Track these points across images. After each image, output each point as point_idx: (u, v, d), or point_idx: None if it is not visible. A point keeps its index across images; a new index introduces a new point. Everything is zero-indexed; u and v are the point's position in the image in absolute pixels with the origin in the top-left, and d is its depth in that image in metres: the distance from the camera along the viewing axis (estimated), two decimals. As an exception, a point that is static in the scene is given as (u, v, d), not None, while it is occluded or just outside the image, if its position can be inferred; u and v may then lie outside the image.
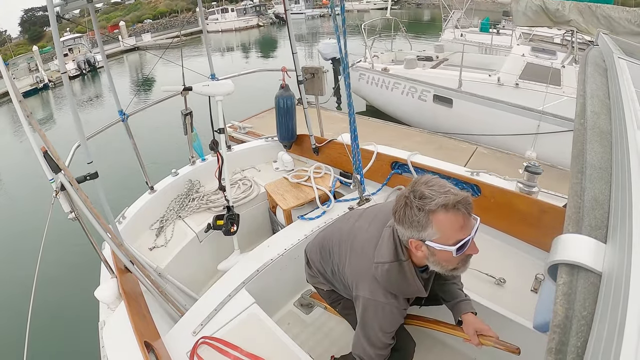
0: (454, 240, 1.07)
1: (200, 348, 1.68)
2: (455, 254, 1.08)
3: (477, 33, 11.54)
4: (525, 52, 6.52)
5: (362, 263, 1.32)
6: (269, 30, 38.18)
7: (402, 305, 1.29)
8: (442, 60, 8.92)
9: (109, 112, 11.70)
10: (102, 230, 1.80)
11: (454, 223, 1.05)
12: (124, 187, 6.46)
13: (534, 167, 2.05)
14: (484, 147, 5.96)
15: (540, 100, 5.54)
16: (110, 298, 1.81)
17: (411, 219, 1.09)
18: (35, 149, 1.54)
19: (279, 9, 44.05)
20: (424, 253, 1.14)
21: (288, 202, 2.65)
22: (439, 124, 7.03)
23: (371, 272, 1.27)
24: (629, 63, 1.20)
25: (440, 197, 1.04)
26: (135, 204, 2.83)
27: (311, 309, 2.40)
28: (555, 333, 0.42)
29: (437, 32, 12.52)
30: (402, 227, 1.14)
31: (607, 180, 0.61)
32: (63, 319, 4.11)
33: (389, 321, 1.29)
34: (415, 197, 1.07)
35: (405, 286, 1.24)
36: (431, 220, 1.06)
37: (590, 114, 0.80)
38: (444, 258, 1.12)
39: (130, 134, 2.81)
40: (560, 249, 0.50)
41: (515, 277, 1.95)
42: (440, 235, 1.07)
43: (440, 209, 1.04)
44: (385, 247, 1.26)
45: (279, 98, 3.16)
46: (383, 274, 1.24)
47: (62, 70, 1.98)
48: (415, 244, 1.13)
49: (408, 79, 7.32)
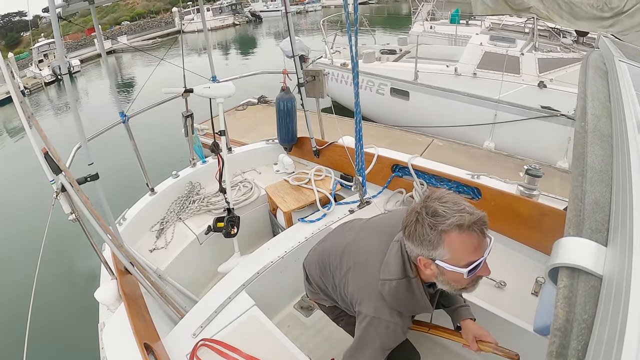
0: (466, 262, 1.01)
1: (200, 350, 1.67)
2: (466, 275, 1.02)
3: (447, 25, 11.45)
4: (483, 41, 6.48)
5: (368, 279, 1.26)
6: (245, 29, 37.62)
7: (406, 324, 1.25)
8: (404, 53, 8.88)
9: (89, 117, 11.36)
10: (103, 231, 1.80)
11: (468, 244, 1.00)
12: (125, 188, 6.48)
13: (535, 170, 2.04)
14: (440, 140, 5.93)
15: (498, 89, 5.57)
16: (110, 299, 1.80)
17: (422, 237, 1.03)
18: (36, 149, 1.54)
19: (255, 7, 43.79)
20: (433, 272, 1.09)
21: (288, 204, 2.65)
22: (397, 117, 7.00)
23: (377, 288, 1.21)
24: (630, 66, 1.20)
25: (454, 217, 0.98)
26: (135, 206, 2.84)
27: (311, 311, 2.39)
28: (556, 336, 0.42)
29: (410, 25, 12.45)
30: (411, 243, 1.09)
31: (608, 183, 0.61)
32: (63, 320, 4.10)
33: (392, 340, 1.24)
34: (428, 214, 1.02)
35: (413, 304, 1.20)
36: (443, 240, 1.00)
37: (591, 116, 0.80)
38: (453, 278, 1.07)
39: (131, 136, 2.81)
40: (561, 252, 0.49)
41: (515, 280, 1.94)
42: (451, 255, 1.01)
43: (454, 229, 0.99)
44: (393, 263, 1.20)
45: (280, 100, 3.16)
46: (391, 292, 1.19)
47: (64, 72, 1.99)
48: (424, 262, 1.08)
49: (366, 73, 7.21)
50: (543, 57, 5.88)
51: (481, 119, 5.85)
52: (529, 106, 5.44)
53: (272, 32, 32.78)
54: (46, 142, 1.58)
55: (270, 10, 42.77)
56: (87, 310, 3.64)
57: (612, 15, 5.09)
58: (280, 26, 33.64)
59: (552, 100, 5.43)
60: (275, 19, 39.59)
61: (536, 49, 6.03)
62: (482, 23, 9.79)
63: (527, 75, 5.75)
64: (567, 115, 5.10)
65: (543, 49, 6.15)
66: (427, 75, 6.58)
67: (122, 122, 2.72)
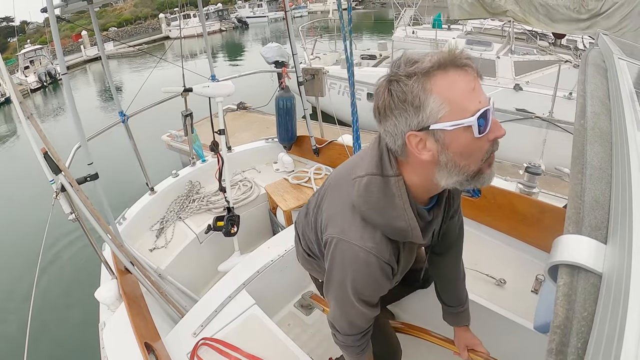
0: (472, 109, 0.72)
1: (201, 349, 1.67)
2: (477, 131, 0.72)
3: (429, 30, 11.39)
4: (459, 45, 6.47)
5: (339, 197, 0.94)
6: (231, 35, 37.49)
7: (384, 257, 0.87)
8: (384, 58, 8.90)
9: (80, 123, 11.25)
10: (103, 231, 1.80)
11: (462, 84, 0.72)
12: (124, 188, 6.48)
13: (534, 168, 2.05)
14: None
15: None
16: (110, 299, 1.80)
17: (402, 100, 0.73)
18: (35, 150, 1.54)
19: (241, 13, 43.73)
20: (433, 152, 0.76)
21: (288, 203, 2.65)
22: (374, 122, 7.01)
23: (348, 200, 0.88)
24: (629, 64, 1.20)
25: (429, 57, 0.73)
26: (135, 205, 2.84)
27: (311, 310, 2.39)
28: (555, 334, 0.42)
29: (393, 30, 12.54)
30: (392, 119, 0.77)
31: (608, 180, 0.61)
32: (63, 320, 4.11)
33: (366, 278, 0.89)
34: (399, 73, 0.74)
35: (392, 216, 0.83)
36: (430, 89, 0.71)
37: (590, 114, 0.80)
38: (463, 147, 0.74)
39: (131, 135, 2.81)
40: (561, 250, 0.49)
41: (515, 277, 1.94)
42: (449, 107, 0.71)
43: (436, 69, 0.71)
44: (367, 159, 0.88)
45: (279, 99, 3.16)
46: (360, 192, 0.85)
47: (62, 72, 1.98)
48: (418, 139, 0.76)
49: (342, 78, 7.14)
50: (519, 60, 5.91)
51: None
52: (504, 109, 5.45)
53: (258, 37, 32.78)
54: (45, 142, 1.58)
55: (256, 16, 42.87)
56: (88, 310, 3.66)
57: (588, 17, 5.10)
58: (266, 32, 33.77)
59: (528, 102, 5.45)
60: (262, 24, 39.72)
61: (512, 52, 6.06)
62: (463, 27, 9.81)
63: (503, 78, 5.77)
64: (541, 117, 5.11)
65: (519, 52, 6.17)
66: None
67: (122, 122, 2.72)
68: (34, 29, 49.92)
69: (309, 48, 8.48)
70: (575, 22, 5.06)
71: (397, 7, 12.40)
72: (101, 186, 2.05)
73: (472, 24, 8.88)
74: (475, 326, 1.42)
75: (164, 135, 6.79)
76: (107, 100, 15.70)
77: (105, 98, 16.58)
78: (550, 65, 5.89)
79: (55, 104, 18.88)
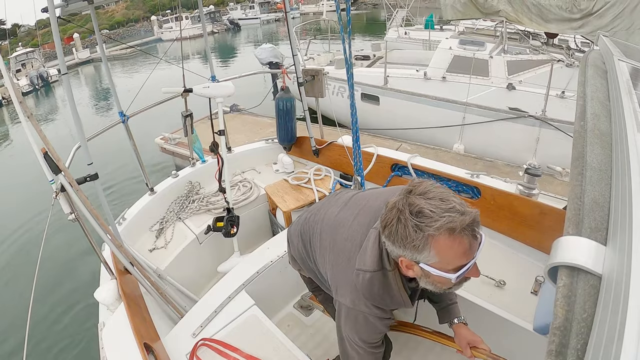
0: (455, 267, 0.90)
1: (200, 350, 1.67)
2: (454, 280, 0.92)
3: (421, 30, 11.49)
4: (452, 45, 6.54)
5: (345, 266, 1.16)
6: (224, 37, 37.23)
7: (387, 315, 1.15)
8: (378, 58, 8.89)
9: (70, 125, 11.20)
10: (102, 231, 1.80)
11: (458, 249, 0.87)
12: (124, 188, 6.47)
13: (534, 170, 2.04)
14: (408, 143, 5.97)
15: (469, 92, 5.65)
16: (109, 299, 1.80)
17: (405, 240, 0.89)
18: (35, 150, 1.54)
19: (233, 15, 43.66)
20: (416, 273, 0.97)
21: (288, 203, 2.65)
22: (368, 121, 7.00)
23: (352, 278, 1.12)
24: (629, 65, 1.20)
25: (443, 218, 0.84)
26: (135, 206, 2.83)
27: (311, 311, 2.39)
28: (555, 335, 0.42)
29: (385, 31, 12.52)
30: (392, 244, 0.94)
31: (607, 182, 0.61)
32: (63, 320, 4.10)
33: (372, 332, 1.16)
34: (412, 214, 0.87)
35: (389, 298, 1.09)
36: (430, 244, 0.87)
37: (590, 116, 0.80)
38: (439, 281, 0.96)
39: (131, 136, 2.80)
40: (560, 251, 0.49)
41: (515, 279, 1.94)
42: (438, 260, 0.89)
43: (443, 233, 0.85)
44: (369, 252, 1.09)
45: (279, 100, 3.16)
46: (364, 284, 1.09)
47: (63, 71, 1.98)
48: (407, 264, 0.96)
49: (337, 79, 7.17)
50: (512, 60, 5.95)
51: (450, 122, 5.93)
52: (497, 108, 5.48)
53: (251, 39, 32.73)
54: (45, 142, 1.58)
55: (248, 18, 42.90)
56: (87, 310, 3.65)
57: (581, 17, 5.10)
58: (258, 34, 33.71)
59: (521, 101, 5.48)
60: (254, 26, 39.65)
61: (505, 51, 6.08)
62: (455, 28, 9.83)
63: (496, 77, 5.80)
64: (534, 116, 5.14)
65: (512, 52, 6.22)
66: (396, 80, 6.65)
67: (122, 122, 2.72)
68: (25, 32, 49.74)
69: (303, 49, 8.51)
70: (568, 21, 5.08)
71: (389, 8, 12.46)
72: (101, 186, 2.05)
73: (465, 24, 8.90)
74: (474, 327, 1.41)
75: (157, 138, 6.61)
76: (100, 103, 15.56)
77: (98, 100, 16.42)
78: (543, 64, 5.94)
79: (47, 107, 18.41)
